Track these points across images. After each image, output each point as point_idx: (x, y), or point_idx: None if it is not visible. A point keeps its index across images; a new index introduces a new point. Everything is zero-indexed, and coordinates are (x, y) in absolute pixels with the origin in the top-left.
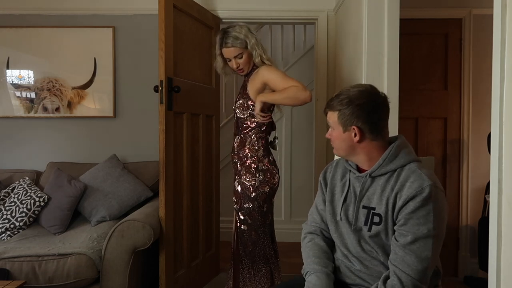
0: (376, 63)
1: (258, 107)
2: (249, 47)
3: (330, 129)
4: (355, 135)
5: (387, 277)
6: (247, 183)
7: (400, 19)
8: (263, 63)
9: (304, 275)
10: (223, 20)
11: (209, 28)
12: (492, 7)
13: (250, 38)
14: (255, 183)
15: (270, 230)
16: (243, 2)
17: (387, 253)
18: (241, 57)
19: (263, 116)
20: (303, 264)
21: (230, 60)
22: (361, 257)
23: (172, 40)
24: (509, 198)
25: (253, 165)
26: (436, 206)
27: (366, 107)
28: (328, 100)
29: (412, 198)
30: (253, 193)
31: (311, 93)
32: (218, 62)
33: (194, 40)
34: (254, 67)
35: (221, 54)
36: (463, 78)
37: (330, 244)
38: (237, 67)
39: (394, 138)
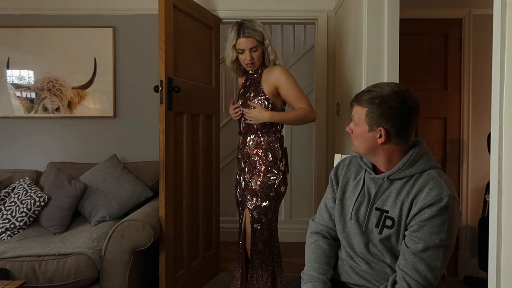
0: (376, 63)
1: (256, 118)
2: (265, 42)
3: (352, 124)
4: (380, 136)
5: (395, 281)
6: (268, 182)
7: (400, 19)
8: (275, 63)
9: (301, 280)
10: (223, 20)
11: (209, 28)
12: (492, 7)
13: (267, 34)
14: (275, 183)
15: (277, 230)
16: (243, 2)
17: (395, 257)
18: (256, 50)
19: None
20: (303, 264)
21: (243, 52)
22: (367, 258)
23: (172, 40)
24: (509, 198)
25: (274, 165)
26: (451, 217)
27: (399, 110)
28: (358, 93)
29: (429, 205)
30: (273, 192)
31: (316, 113)
32: (230, 56)
33: (194, 40)
34: (262, 66)
35: (234, 47)
36: (463, 78)
37: (335, 245)
38: (250, 60)
39: (415, 142)
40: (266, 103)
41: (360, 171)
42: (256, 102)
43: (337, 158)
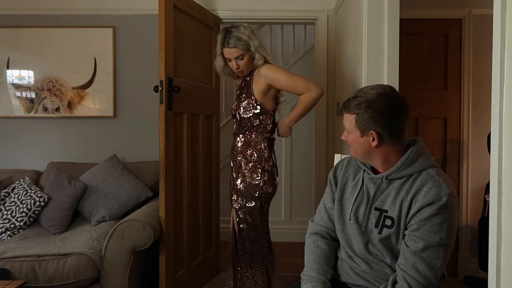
0: (376, 63)
1: (287, 132)
2: (252, 49)
3: (346, 132)
4: (373, 139)
5: (395, 281)
6: (252, 182)
7: (400, 19)
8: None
9: (301, 280)
10: (223, 20)
11: (209, 28)
12: (492, 7)
13: (253, 40)
14: (259, 183)
15: (267, 230)
16: (243, 2)
17: (395, 256)
18: (242, 59)
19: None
20: (303, 264)
21: (230, 61)
22: (367, 259)
23: (172, 40)
24: (509, 198)
25: (258, 165)
26: (450, 216)
27: (386, 111)
28: (345, 101)
29: (428, 204)
30: (257, 193)
31: (319, 85)
32: (218, 62)
33: (194, 40)
34: (254, 68)
35: (222, 54)
36: (463, 78)
37: (334, 246)
38: (237, 68)
39: (412, 141)
40: (255, 104)
41: (358, 171)
42: (246, 103)
43: (337, 158)
